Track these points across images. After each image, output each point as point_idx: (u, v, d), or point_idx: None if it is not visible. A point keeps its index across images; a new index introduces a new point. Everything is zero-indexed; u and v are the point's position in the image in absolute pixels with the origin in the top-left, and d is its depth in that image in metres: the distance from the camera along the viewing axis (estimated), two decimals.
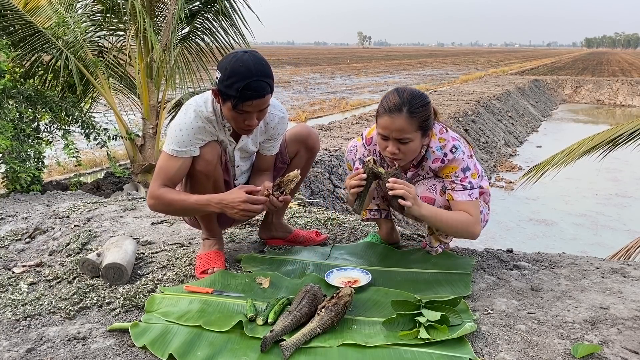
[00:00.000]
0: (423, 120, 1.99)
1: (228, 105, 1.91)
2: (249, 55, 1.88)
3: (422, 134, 2.02)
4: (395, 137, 1.99)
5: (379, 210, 2.45)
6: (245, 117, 1.93)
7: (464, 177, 2.08)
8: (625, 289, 2.06)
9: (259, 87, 1.86)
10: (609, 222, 7.46)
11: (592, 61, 54.31)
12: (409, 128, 1.97)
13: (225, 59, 1.91)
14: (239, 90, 1.84)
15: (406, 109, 1.96)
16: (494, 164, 10.70)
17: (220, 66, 1.90)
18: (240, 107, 1.88)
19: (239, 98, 1.86)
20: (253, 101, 1.88)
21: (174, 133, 2.02)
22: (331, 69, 40.18)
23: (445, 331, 1.65)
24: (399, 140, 1.99)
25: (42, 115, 4.24)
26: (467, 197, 2.08)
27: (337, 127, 9.34)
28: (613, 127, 3.42)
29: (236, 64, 1.85)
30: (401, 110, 1.96)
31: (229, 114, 1.95)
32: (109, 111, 5.02)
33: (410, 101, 1.97)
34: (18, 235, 2.75)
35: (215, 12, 4.91)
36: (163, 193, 2.01)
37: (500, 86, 19.19)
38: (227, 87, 1.86)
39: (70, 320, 1.86)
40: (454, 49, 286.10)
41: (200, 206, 2.00)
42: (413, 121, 1.96)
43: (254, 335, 1.68)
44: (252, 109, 1.91)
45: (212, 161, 2.06)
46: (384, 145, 2.04)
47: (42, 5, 4.73)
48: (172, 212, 2.17)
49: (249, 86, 1.84)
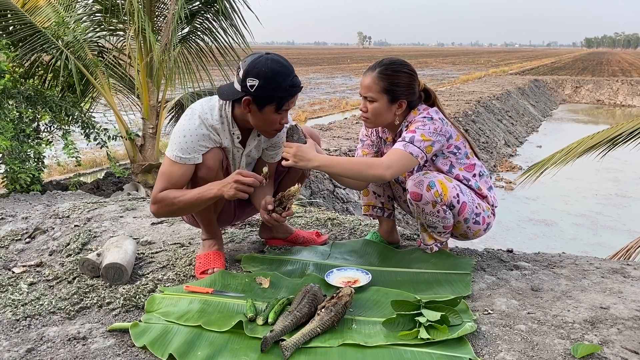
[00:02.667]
0: (391, 84, 2.10)
1: (270, 108, 1.95)
2: (273, 55, 1.96)
3: (389, 99, 2.11)
4: (362, 93, 2.14)
5: (382, 208, 2.45)
6: (283, 116, 2.01)
7: (411, 130, 2.08)
8: (625, 289, 2.06)
9: (298, 81, 1.98)
10: (609, 222, 7.46)
11: (592, 61, 54.31)
12: (375, 87, 2.10)
13: (256, 66, 1.91)
14: (287, 88, 1.92)
15: (378, 69, 2.10)
16: (494, 164, 10.70)
17: (255, 74, 1.90)
18: (285, 105, 1.96)
19: (287, 97, 1.94)
20: (295, 97, 1.98)
21: (178, 139, 2.01)
22: (331, 69, 40.17)
23: (445, 331, 1.65)
24: (366, 98, 2.13)
25: (42, 115, 4.23)
26: (400, 146, 2.06)
27: (337, 127, 9.34)
28: (613, 127, 3.42)
29: (274, 66, 1.92)
30: (374, 70, 2.11)
31: (267, 118, 1.98)
32: (109, 111, 5.02)
33: (386, 64, 2.12)
34: (18, 235, 2.75)
35: (215, 12, 4.90)
36: (164, 195, 2.01)
37: (500, 86, 19.19)
38: (272, 90, 1.91)
39: (70, 320, 1.86)
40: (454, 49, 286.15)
41: (202, 194, 1.98)
42: (380, 82, 2.09)
43: (254, 335, 1.68)
44: (292, 105, 2.00)
45: (214, 167, 2.06)
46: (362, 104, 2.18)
47: (41, 5, 4.72)
48: (176, 210, 2.11)
49: (294, 82, 1.95)
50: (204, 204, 2.04)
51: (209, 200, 2.00)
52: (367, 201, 2.47)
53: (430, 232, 2.24)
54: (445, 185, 2.09)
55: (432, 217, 2.14)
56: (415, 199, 2.10)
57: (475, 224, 2.20)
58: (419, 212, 2.15)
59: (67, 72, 4.39)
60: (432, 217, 2.14)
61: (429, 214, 2.13)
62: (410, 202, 2.14)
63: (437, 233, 2.23)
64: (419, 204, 2.11)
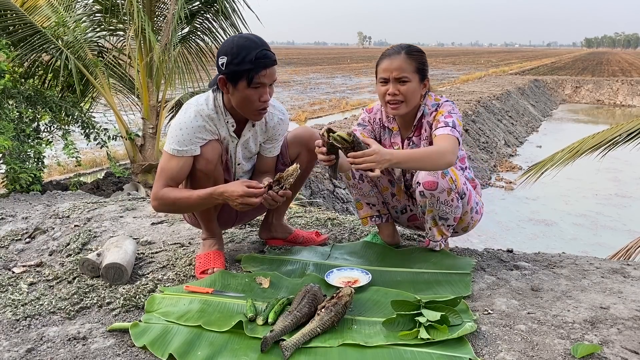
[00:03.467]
0: (420, 62, 2.15)
1: (242, 84, 1.94)
2: (245, 34, 2.00)
3: (420, 78, 2.15)
4: (395, 76, 2.11)
5: (380, 215, 2.45)
6: (260, 92, 1.97)
7: (447, 115, 2.13)
8: (625, 289, 2.06)
9: (266, 54, 1.94)
10: (609, 222, 7.46)
11: (592, 61, 54.31)
12: (408, 67, 2.12)
13: (225, 44, 1.99)
14: (252, 60, 1.90)
15: (404, 51, 2.14)
16: (494, 164, 10.70)
17: (223, 51, 1.96)
18: (256, 78, 1.93)
19: (254, 69, 1.91)
20: (267, 69, 1.95)
21: (175, 132, 2.03)
22: (331, 69, 40.18)
23: (445, 331, 1.65)
24: (398, 80, 2.11)
25: (42, 115, 4.24)
26: (448, 131, 2.09)
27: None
28: (613, 127, 3.42)
29: (240, 41, 1.95)
30: (399, 52, 2.14)
31: (243, 95, 1.97)
32: (109, 111, 5.02)
33: (408, 46, 2.18)
34: (18, 235, 2.75)
35: (215, 12, 4.91)
36: (166, 193, 2.01)
37: (500, 86, 19.19)
38: (238, 64, 1.91)
39: (70, 320, 1.86)
40: (454, 49, 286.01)
41: (204, 200, 2.00)
42: (411, 61, 2.12)
43: (254, 335, 1.68)
44: (266, 79, 1.96)
45: (213, 160, 2.06)
46: (383, 90, 2.15)
47: (40, 4, 4.72)
48: (177, 210, 2.15)
49: (261, 54, 1.93)
50: (204, 207, 2.09)
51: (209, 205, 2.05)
52: (364, 214, 2.46)
53: (440, 226, 2.24)
54: (456, 172, 2.14)
55: (445, 207, 2.15)
56: (431, 188, 2.09)
57: (476, 214, 2.29)
58: (433, 203, 2.15)
59: (67, 72, 4.40)
60: (446, 207, 2.15)
61: (443, 202, 2.13)
62: (423, 195, 2.13)
63: (446, 227, 2.24)
64: (434, 193, 2.10)
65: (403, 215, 2.46)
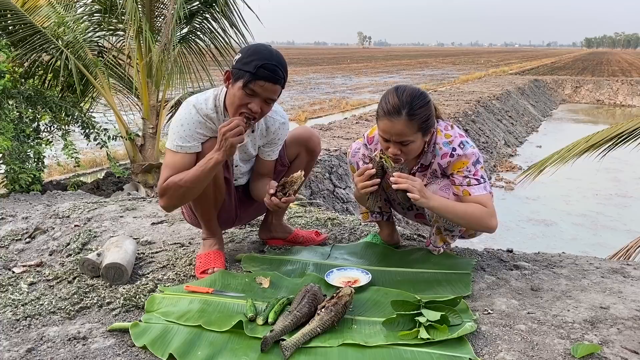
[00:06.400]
0: (423, 120, 1.98)
1: (239, 84, 1.93)
2: (272, 48, 1.99)
3: (423, 133, 2.02)
4: (395, 140, 1.98)
5: (381, 213, 2.45)
6: (250, 100, 1.93)
7: (476, 171, 2.07)
8: (625, 289, 2.06)
9: (274, 70, 1.92)
10: (609, 222, 7.46)
11: (592, 61, 54.29)
12: (409, 131, 1.96)
13: (248, 45, 2.04)
14: (256, 67, 1.90)
15: (405, 111, 1.93)
16: (494, 164, 10.69)
17: (243, 49, 2.00)
18: (251, 85, 1.91)
19: (254, 75, 1.90)
20: (265, 83, 1.91)
21: (176, 128, 2.05)
22: (331, 69, 40.17)
23: (445, 331, 1.65)
24: (400, 143, 1.99)
25: (42, 115, 4.23)
26: (483, 190, 2.06)
27: (337, 127, 9.33)
28: (613, 126, 3.42)
29: (260, 47, 1.97)
30: (400, 114, 1.93)
31: (234, 93, 1.95)
32: (109, 111, 5.02)
33: (409, 103, 1.95)
34: (18, 235, 2.75)
35: (214, 12, 4.90)
36: (169, 182, 2.02)
37: (500, 86, 19.18)
38: (244, 64, 1.92)
39: (70, 320, 1.86)
40: (454, 49, 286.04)
41: (204, 166, 1.96)
42: (413, 123, 1.95)
43: (254, 335, 1.68)
44: (261, 91, 1.92)
45: None
46: (385, 146, 2.04)
47: (40, 4, 4.72)
48: (185, 192, 2.05)
49: (266, 66, 1.90)
50: (209, 175, 2.00)
51: (212, 169, 1.98)
52: (365, 209, 2.46)
53: (444, 235, 2.25)
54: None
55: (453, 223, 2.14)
56: None
57: None
58: (441, 217, 2.13)
59: (67, 72, 4.39)
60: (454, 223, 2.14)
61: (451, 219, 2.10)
62: None
63: (450, 237, 2.25)
64: None
65: (410, 212, 2.43)
